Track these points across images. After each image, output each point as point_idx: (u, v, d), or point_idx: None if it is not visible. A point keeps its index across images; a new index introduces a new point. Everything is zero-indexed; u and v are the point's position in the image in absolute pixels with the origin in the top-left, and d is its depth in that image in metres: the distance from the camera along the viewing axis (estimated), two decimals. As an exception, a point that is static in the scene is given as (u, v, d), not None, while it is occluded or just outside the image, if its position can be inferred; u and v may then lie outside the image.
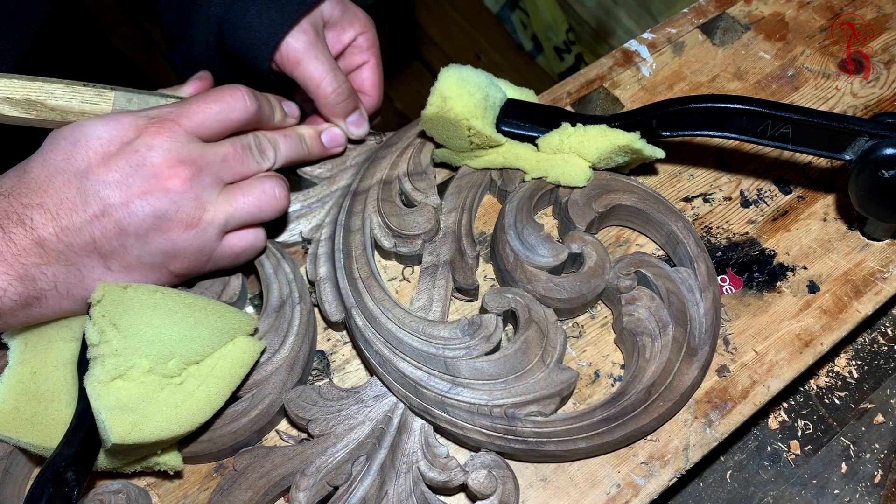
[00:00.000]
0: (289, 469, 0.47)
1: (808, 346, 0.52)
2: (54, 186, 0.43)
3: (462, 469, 0.46)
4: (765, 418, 0.58)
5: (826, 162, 0.61)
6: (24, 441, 0.45)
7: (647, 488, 0.47)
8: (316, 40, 0.55)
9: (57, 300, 0.44)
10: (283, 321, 0.51)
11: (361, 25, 0.60)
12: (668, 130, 0.54)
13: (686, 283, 0.52)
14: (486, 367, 0.48)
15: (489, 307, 0.51)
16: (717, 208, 0.59)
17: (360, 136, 0.60)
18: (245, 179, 0.49)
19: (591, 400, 0.51)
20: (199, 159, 0.46)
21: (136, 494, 0.46)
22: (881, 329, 0.62)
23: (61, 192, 0.43)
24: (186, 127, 0.46)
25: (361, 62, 0.61)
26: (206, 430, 0.47)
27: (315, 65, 0.55)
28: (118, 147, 0.44)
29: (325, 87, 0.56)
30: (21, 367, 0.47)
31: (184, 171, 0.45)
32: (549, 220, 0.59)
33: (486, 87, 0.55)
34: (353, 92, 0.58)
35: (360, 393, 0.49)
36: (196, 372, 0.46)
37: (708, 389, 0.50)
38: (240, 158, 0.48)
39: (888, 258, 0.56)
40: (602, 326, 0.54)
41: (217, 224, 0.47)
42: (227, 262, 0.50)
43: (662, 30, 0.69)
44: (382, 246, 0.55)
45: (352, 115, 0.59)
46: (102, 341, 0.44)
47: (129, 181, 0.44)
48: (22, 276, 0.42)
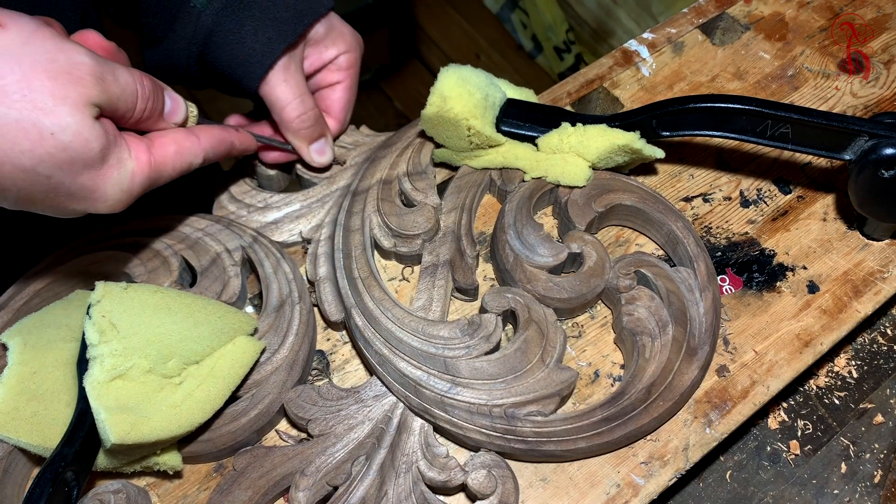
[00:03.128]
0: (288, 469, 0.47)
1: (808, 346, 0.52)
2: None
3: (462, 469, 0.46)
4: (764, 418, 0.58)
5: (826, 162, 0.61)
6: (23, 441, 0.45)
7: (647, 488, 0.47)
8: (289, 62, 0.54)
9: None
10: (282, 321, 0.51)
11: (346, 45, 0.58)
12: (668, 130, 0.54)
13: (686, 283, 0.52)
14: (485, 367, 0.48)
15: (489, 307, 0.51)
16: (716, 208, 0.59)
17: (322, 165, 0.58)
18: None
19: (590, 400, 0.51)
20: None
21: (136, 494, 0.46)
22: (881, 329, 0.62)
23: None
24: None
25: (335, 81, 0.59)
26: (206, 430, 0.47)
27: (282, 87, 0.54)
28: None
29: (289, 112, 0.54)
30: (21, 367, 0.47)
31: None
32: (548, 220, 0.59)
33: (485, 86, 0.55)
34: (319, 119, 0.56)
35: (360, 393, 0.49)
36: (196, 372, 0.46)
37: (708, 389, 0.50)
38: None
39: (888, 258, 0.56)
40: (602, 326, 0.54)
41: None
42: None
43: (662, 30, 0.69)
44: (382, 246, 0.55)
45: (316, 143, 0.57)
46: (102, 341, 0.44)
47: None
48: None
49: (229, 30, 0.52)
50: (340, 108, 0.60)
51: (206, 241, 0.55)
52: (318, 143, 0.57)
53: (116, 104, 0.41)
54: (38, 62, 0.36)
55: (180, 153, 0.46)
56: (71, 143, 0.37)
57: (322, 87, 0.59)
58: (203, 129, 0.49)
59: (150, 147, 0.44)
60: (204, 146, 0.48)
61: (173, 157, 0.45)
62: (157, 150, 0.44)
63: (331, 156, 0.59)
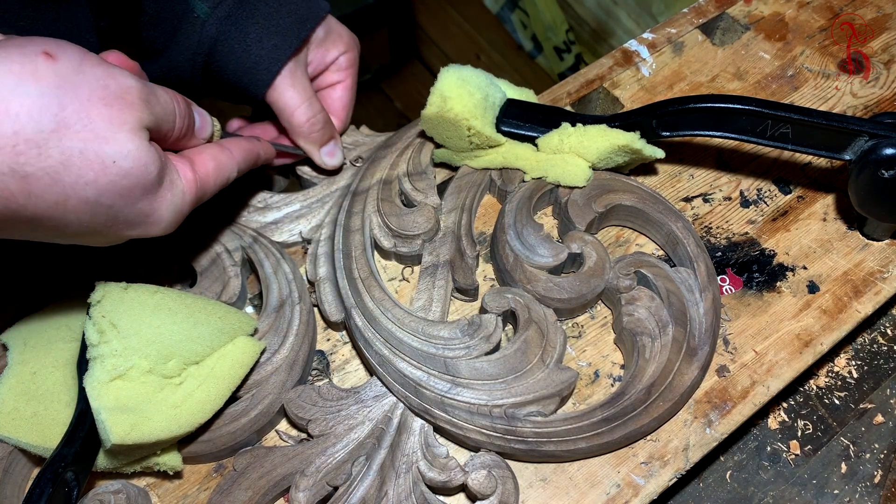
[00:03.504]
0: (288, 469, 0.47)
1: (808, 346, 0.52)
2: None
3: (462, 469, 0.46)
4: (764, 418, 0.58)
5: (826, 162, 0.61)
6: (23, 441, 0.45)
7: (647, 488, 0.47)
8: (295, 67, 0.54)
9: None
10: (282, 321, 0.51)
11: (344, 45, 0.59)
12: (668, 130, 0.54)
13: (686, 283, 0.52)
14: (485, 367, 0.48)
15: (489, 307, 0.51)
16: (716, 208, 0.59)
17: (334, 167, 0.58)
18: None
19: (590, 400, 0.51)
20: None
21: (136, 494, 0.46)
22: (881, 329, 0.62)
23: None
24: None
25: (336, 81, 0.60)
26: (206, 430, 0.47)
27: (290, 93, 0.54)
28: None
29: (298, 117, 0.55)
30: (21, 367, 0.47)
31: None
32: (548, 220, 0.59)
33: (485, 87, 0.55)
34: (328, 122, 0.57)
35: (360, 393, 0.49)
36: (196, 372, 0.46)
37: (708, 389, 0.50)
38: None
39: (888, 258, 0.56)
40: (602, 326, 0.54)
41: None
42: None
43: (662, 30, 0.69)
44: (382, 246, 0.55)
45: (326, 146, 0.58)
46: (102, 341, 0.44)
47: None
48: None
49: (234, 38, 0.52)
50: (342, 106, 0.60)
51: (206, 241, 0.55)
52: (329, 146, 0.58)
53: (161, 125, 0.40)
54: (94, 90, 0.36)
55: (219, 168, 0.46)
56: (132, 170, 0.37)
57: (323, 87, 0.60)
58: (232, 142, 0.50)
59: (192, 165, 0.44)
60: (237, 159, 0.48)
61: (214, 172, 0.45)
62: (200, 168, 0.44)
63: (341, 158, 0.59)
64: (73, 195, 0.35)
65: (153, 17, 0.53)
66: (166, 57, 0.54)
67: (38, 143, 0.33)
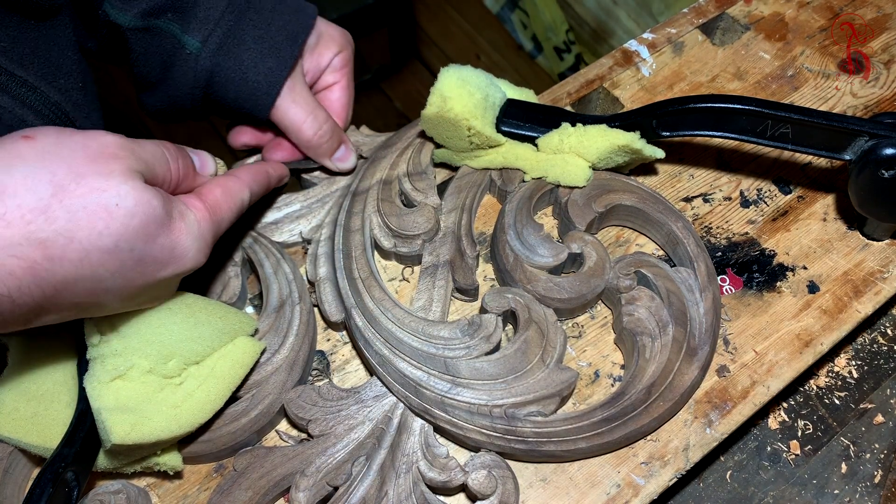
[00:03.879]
0: (289, 469, 0.47)
1: (808, 347, 0.52)
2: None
3: (462, 469, 0.46)
4: (765, 418, 0.58)
5: (826, 162, 0.61)
6: (24, 441, 0.45)
7: (647, 488, 0.47)
8: (293, 83, 0.55)
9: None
10: (282, 321, 0.51)
11: (337, 45, 0.59)
12: (668, 130, 0.54)
13: (686, 283, 0.52)
14: (485, 367, 0.48)
15: (489, 307, 0.51)
16: (716, 208, 0.59)
17: (347, 170, 0.59)
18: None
19: (591, 400, 0.51)
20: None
21: (136, 495, 0.46)
22: (881, 329, 0.62)
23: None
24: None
25: (333, 82, 0.60)
26: (206, 430, 0.47)
27: (294, 109, 0.55)
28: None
29: (306, 131, 0.55)
30: (21, 367, 0.47)
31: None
32: (548, 220, 0.59)
33: (486, 87, 0.55)
34: (335, 129, 0.57)
35: (360, 393, 0.49)
36: (196, 372, 0.46)
37: (708, 389, 0.50)
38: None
39: (888, 258, 0.56)
40: (602, 326, 0.54)
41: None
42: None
43: (662, 30, 0.69)
44: (382, 246, 0.55)
45: (337, 152, 0.58)
46: (102, 341, 0.44)
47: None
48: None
49: (229, 67, 0.53)
50: (342, 107, 0.60)
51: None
52: (339, 152, 0.58)
53: (154, 168, 0.42)
54: (75, 152, 0.38)
55: (228, 192, 0.47)
56: (136, 207, 0.38)
57: (321, 90, 0.60)
58: (240, 168, 0.51)
59: (199, 195, 0.45)
60: (247, 181, 0.49)
61: (223, 196, 0.46)
62: (207, 195, 0.45)
63: (354, 159, 0.59)
64: (92, 249, 0.37)
65: (142, 54, 0.53)
66: (164, 90, 0.55)
67: (42, 209, 0.35)
